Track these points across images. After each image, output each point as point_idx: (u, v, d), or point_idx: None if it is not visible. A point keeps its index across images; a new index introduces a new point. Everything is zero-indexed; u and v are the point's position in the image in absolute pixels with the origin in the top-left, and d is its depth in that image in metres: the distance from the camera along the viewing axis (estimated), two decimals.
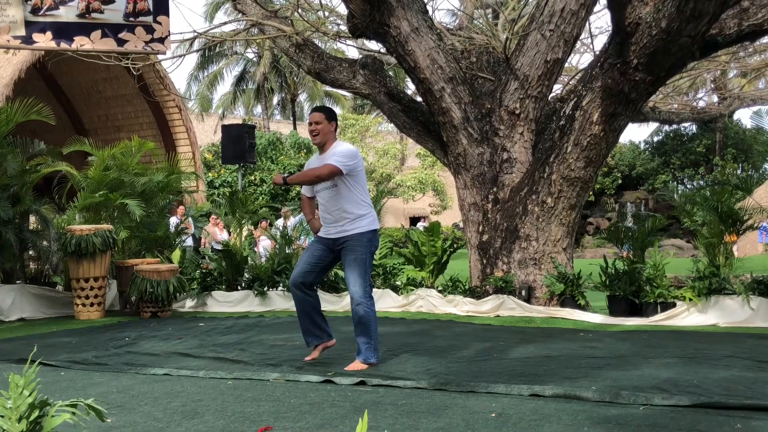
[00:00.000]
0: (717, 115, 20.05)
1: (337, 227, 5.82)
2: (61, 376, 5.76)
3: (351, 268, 5.76)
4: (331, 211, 5.84)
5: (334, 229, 5.85)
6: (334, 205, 5.81)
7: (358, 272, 5.74)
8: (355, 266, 5.75)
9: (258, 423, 4.09)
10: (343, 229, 5.80)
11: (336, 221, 5.83)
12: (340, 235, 5.81)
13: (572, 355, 6.22)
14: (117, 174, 11.45)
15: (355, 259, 5.76)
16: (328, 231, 5.89)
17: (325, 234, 5.92)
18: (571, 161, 9.08)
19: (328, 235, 5.89)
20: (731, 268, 8.54)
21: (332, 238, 5.87)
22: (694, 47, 8.13)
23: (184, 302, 10.92)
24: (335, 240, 5.85)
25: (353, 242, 5.78)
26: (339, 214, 5.80)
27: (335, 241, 5.85)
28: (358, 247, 5.78)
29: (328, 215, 5.87)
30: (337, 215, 5.81)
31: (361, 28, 9.68)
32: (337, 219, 5.82)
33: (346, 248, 5.80)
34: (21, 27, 8.23)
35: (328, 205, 5.84)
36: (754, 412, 4.08)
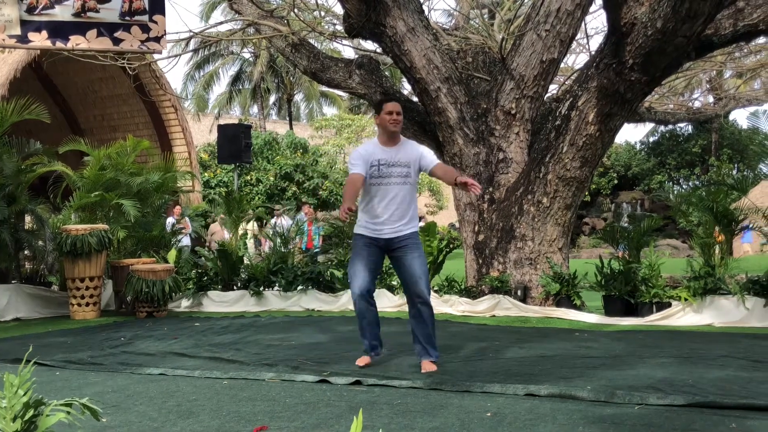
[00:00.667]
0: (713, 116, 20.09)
1: (398, 225, 5.57)
2: (57, 375, 5.75)
3: (418, 265, 5.54)
4: (397, 208, 5.57)
5: (391, 228, 5.56)
6: (402, 202, 5.58)
7: (425, 270, 5.58)
8: (422, 264, 5.57)
9: (253, 423, 4.09)
10: (405, 227, 5.59)
11: (398, 219, 5.56)
12: (399, 234, 5.57)
13: (568, 354, 6.22)
14: (113, 174, 11.44)
15: (419, 256, 5.58)
16: (382, 230, 5.58)
17: (378, 234, 5.60)
18: (567, 161, 9.09)
19: (382, 235, 5.58)
20: (726, 268, 8.55)
21: (388, 238, 5.58)
22: (689, 47, 8.14)
23: (179, 302, 10.91)
24: (391, 239, 5.58)
25: (414, 240, 5.61)
26: (403, 213, 5.58)
27: (391, 241, 5.59)
28: (419, 245, 5.65)
29: (399, 210, 5.57)
30: (401, 213, 5.57)
31: (357, 27, 9.68)
32: (400, 217, 5.57)
33: (408, 247, 5.56)
34: (16, 26, 8.21)
35: (396, 200, 5.57)
36: (749, 411, 4.09)
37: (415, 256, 5.55)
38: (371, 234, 5.62)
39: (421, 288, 5.52)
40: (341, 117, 35.43)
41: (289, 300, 10.47)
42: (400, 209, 5.57)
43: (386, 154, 5.59)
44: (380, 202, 5.57)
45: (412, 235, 5.61)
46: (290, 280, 10.51)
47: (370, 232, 5.63)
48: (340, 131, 33.67)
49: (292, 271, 10.63)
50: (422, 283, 5.52)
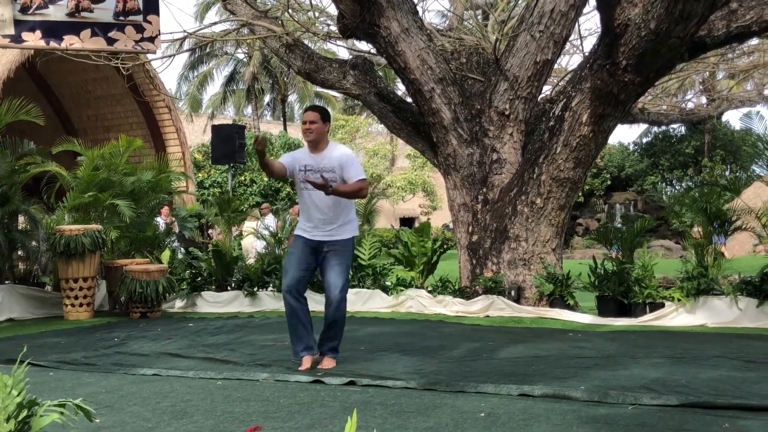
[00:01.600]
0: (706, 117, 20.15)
1: (328, 230, 5.74)
2: (50, 376, 5.74)
3: (337, 272, 5.71)
4: (327, 212, 5.73)
5: (322, 231, 5.75)
6: (329, 207, 5.71)
7: (343, 277, 5.73)
8: (342, 270, 5.73)
9: (247, 423, 4.09)
10: (333, 233, 5.75)
11: (328, 223, 5.73)
12: (329, 239, 5.74)
13: (561, 355, 6.24)
14: (106, 174, 11.42)
15: (341, 262, 5.74)
16: (314, 233, 5.77)
17: (311, 236, 5.79)
18: (561, 162, 9.11)
19: (314, 237, 5.78)
20: (719, 269, 8.57)
21: (319, 240, 5.76)
22: (682, 48, 8.17)
23: (173, 303, 10.89)
24: (321, 242, 5.76)
25: (341, 247, 5.76)
26: (334, 217, 5.73)
27: (321, 244, 5.77)
28: (345, 252, 5.79)
29: (322, 215, 5.74)
30: (331, 218, 5.73)
31: (352, 28, 9.68)
32: (330, 221, 5.73)
33: (333, 252, 5.73)
34: (10, 26, 8.20)
35: (326, 205, 5.71)
36: (741, 411, 4.10)
37: (336, 263, 5.72)
38: (305, 235, 5.82)
39: (336, 292, 5.70)
40: (335, 118, 35.40)
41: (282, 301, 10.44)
42: (328, 214, 5.74)
43: (312, 160, 5.79)
44: (309, 206, 5.79)
45: (340, 242, 5.77)
46: None
47: (304, 233, 5.84)
48: (334, 132, 33.65)
49: None
50: (336, 287, 5.70)
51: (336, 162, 5.70)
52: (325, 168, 5.69)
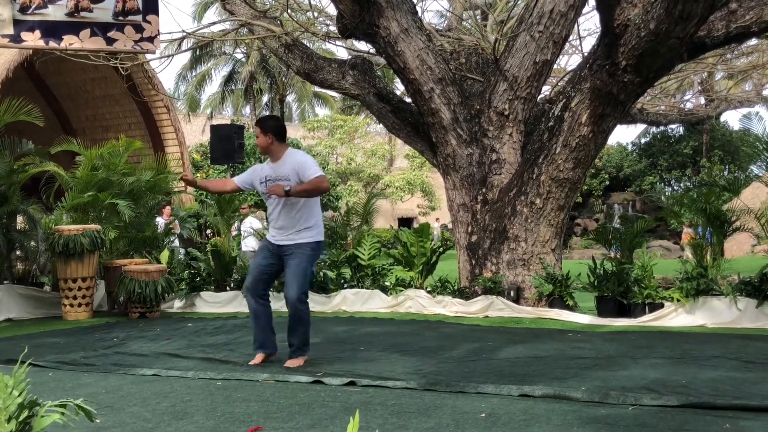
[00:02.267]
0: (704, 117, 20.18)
1: (287, 234, 5.96)
2: (49, 376, 5.74)
3: (293, 273, 5.89)
4: (287, 218, 5.96)
5: (283, 236, 5.98)
6: (291, 212, 5.95)
7: (298, 279, 5.89)
8: (298, 272, 5.89)
9: (248, 423, 4.08)
10: (292, 237, 5.95)
11: (289, 228, 5.95)
12: (288, 243, 5.96)
13: (561, 355, 6.24)
14: (105, 174, 11.40)
15: (298, 265, 5.91)
16: (276, 237, 6.03)
17: (274, 240, 6.04)
18: (560, 162, 9.11)
19: (276, 241, 6.03)
20: (719, 269, 8.57)
21: (279, 245, 6.00)
22: (682, 49, 8.17)
23: (172, 303, 10.89)
24: (280, 246, 5.99)
25: (298, 249, 5.94)
26: (294, 222, 5.95)
27: (280, 248, 5.99)
28: (303, 255, 5.94)
29: (282, 221, 5.98)
30: (292, 222, 5.95)
31: (351, 28, 9.68)
32: (291, 225, 5.95)
33: (292, 255, 5.93)
34: (9, 25, 8.18)
35: (287, 211, 5.94)
36: (742, 412, 4.11)
37: (294, 264, 5.91)
38: (270, 240, 6.10)
39: (290, 292, 5.87)
40: (333, 118, 35.39)
41: (282, 301, 10.36)
42: (286, 219, 5.96)
43: (272, 171, 6.05)
44: (271, 213, 6.08)
45: (297, 245, 5.95)
46: (282, 281, 10.49)
47: (270, 238, 6.11)
48: (333, 132, 33.64)
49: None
50: (292, 288, 5.87)
51: (290, 169, 5.92)
52: (281, 176, 5.92)
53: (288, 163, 5.98)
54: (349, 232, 11.57)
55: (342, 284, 10.36)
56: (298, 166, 5.92)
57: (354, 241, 11.14)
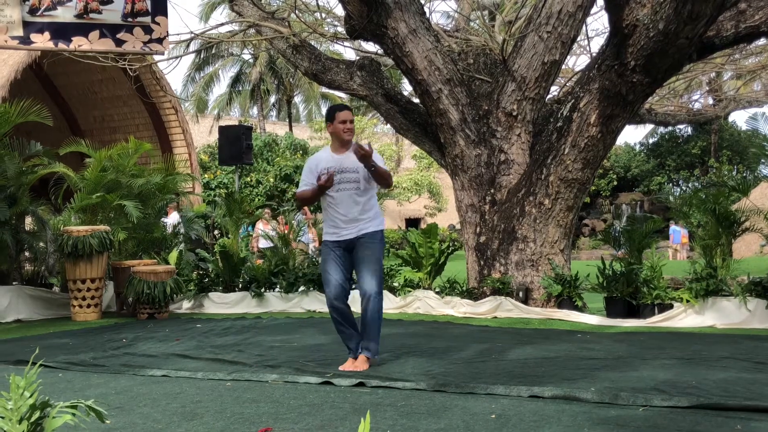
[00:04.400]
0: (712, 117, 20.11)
1: (358, 225, 5.71)
2: (59, 377, 5.75)
3: (369, 265, 5.68)
4: (358, 207, 5.71)
5: (352, 228, 5.71)
6: (363, 199, 5.72)
7: (377, 272, 5.70)
8: (374, 264, 5.70)
9: (257, 424, 4.08)
10: (362, 227, 5.71)
11: (359, 218, 5.71)
12: (358, 234, 5.70)
13: (570, 356, 6.22)
14: (114, 175, 11.44)
15: (372, 256, 5.70)
16: (343, 232, 5.74)
17: (339, 237, 5.75)
18: (569, 163, 9.09)
19: (343, 237, 5.74)
20: (728, 270, 8.54)
21: (349, 239, 5.73)
22: (691, 49, 8.14)
23: (180, 303, 10.92)
24: (350, 240, 5.73)
25: (371, 241, 5.73)
26: (365, 211, 5.72)
27: (350, 242, 5.74)
28: (374, 246, 5.74)
29: (353, 212, 5.71)
30: (363, 210, 5.72)
31: (359, 29, 9.68)
32: (361, 214, 5.72)
33: (362, 245, 5.70)
34: (19, 27, 8.21)
35: (357, 199, 5.71)
36: (753, 413, 4.08)
37: (366, 255, 5.69)
38: (333, 238, 5.78)
39: (369, 285, 5.66)
40: None
41: (291, 301, 10.47)
42: (356, 208, 5.71)
43: (335, 162, 5.72)
44: (336, 208, 5.74)
45: (371, 235, 5.73)
46: (291, 281, 10.52)
47: (333, 237, 5.79)
48: None
49: (293, 273, 10.64)
50: (371, 280, 5.66)
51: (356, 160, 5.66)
52: (349, 167, 5.69)
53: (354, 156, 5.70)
54: None
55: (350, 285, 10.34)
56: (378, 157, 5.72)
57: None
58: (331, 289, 5.75)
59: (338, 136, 5.79)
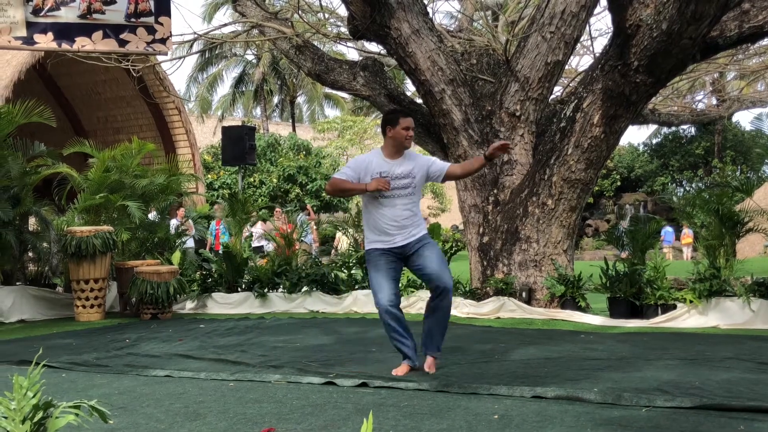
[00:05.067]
0: (716, 118, 20.08)
1: (410, 231, 5.52)
2: (63, 377, 5.76)
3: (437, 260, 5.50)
4: (410, 213, 5.55)
5: (402, 236, 5.51)
6: (406, 212, 5.52)
7: (445, 264, 5.57)
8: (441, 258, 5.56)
9: (260, 425, 4.08)
10: (414, 233, 5.54)
11: (410, 224, 5.53)
12: (411, 239, 5.52)
13: (573, 356, 6.22)
14: (118, 176, 11.45)
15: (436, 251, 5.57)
16: (394, 240, 5.52)
17: (391, 244, 5.52)
18: (572, 163, 9.08)
19: (395, 244, 5.52)
20: (732, 270, 8.53)
21: (402, 245, 5.52)
22: (694, 49, 8.13)
23: (184, 304, 10.92)
24: (404, 246, 5.53)
25: (425, 239, 5.57)
26: (410, 220, 5.54)
27: (404, 248, 5.53)
28: (432, 242, 5.62)
29: (396, 223, 5.51)
30: (413, 216, 5.55)
31: (362, 29, 9.68)
32: (411, 220, 5.54)
33: (422, 247, 5.52)
34: (22, 28, 8.23)
35: (401, 211, 5.51)
36: (756, 414, 4.08)
37: (429, 254, 5.50)
38: (384, 246, 5.54)
39: (445, 280, 5.47)
40: (344, 119, 35.42)
41: (294, 302, 10.47)
42: (405, 219, 5.52)
43: (389, 167, 5.51)
44: (385, 214, 5.51)
45: (424, 236, 5.59)
46: (294, 281, 10.52)
47: (382, 244, 5.55)
48: (343, 133, 33.67)
49: (296, 273, 10.64)
50: (445, 273, 5.49)
51: (417, 166, 5.56)
52: (403, 173, 5.51)
53: (411, 160, 5.57)
54: (360, 233, 11.56)
55: (353, 285, 10.36)
56: (429, 162, 5.63)
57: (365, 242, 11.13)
58: (385, 295, 5.47)
59: (399, 141, 5.55)
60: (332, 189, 5.74)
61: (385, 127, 5.64)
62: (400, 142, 5.56)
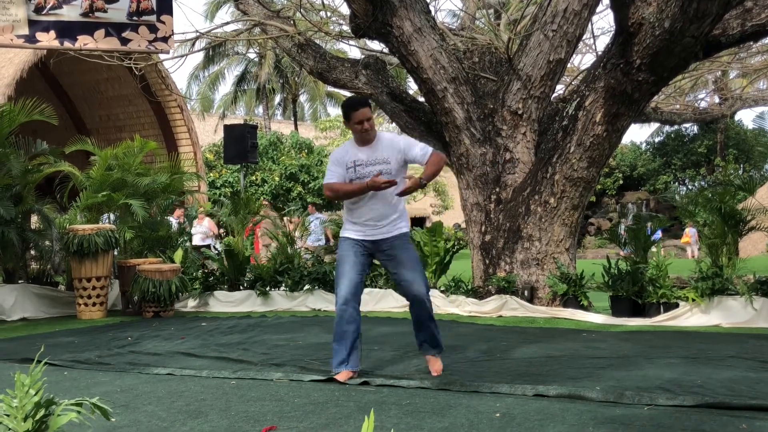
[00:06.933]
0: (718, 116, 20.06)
1: (385, 226, 5.30)
2: (65, 375, 5.76)
3: (411, 265, 5.29)
4: (385, 206, 5.28)
5: (378, 229, 5.30)
6: (384, 201, 5.28)
7: (420, 270, 5.34)
8: (416, 263, 5.34)
9: (262, 423, 4.08)
10: (390, 229, 5.31)
11: (386, 217, 5.29)
12: (387, 236, 5.31)
13: (575, 355, 6.21)
14: (120, 174, 11.46)
15: (411, 254, 5.35)
16: (368, 231, 5.31)
17: (365, 236, 5.32)
18: (574, 161, 9.08)
19: (366, 237, 5.32)
20: (734, 269, 8.53)
21: (374, 240, 5.32)
22: (697, 48, 8.12)
23: (186, 302, 10.93)
24: (377, 242, 5.33)
25: (403, 240, 5.34)
26: (392, 210, 5.30)
27: (377, 244, 5.33)
28: (410, 245, 5.40)
29: (379, 210, 5.27)
30: (390, 210, 5.29)
31: (364, 28, 9.68)
32: (389, 214, 5.29)
33: (397, 246, 5.30)
34: (24, 26, 8.23)
35: (378, 200, 5.26)
36: (758, 412, 4.08)
37: (405, 259, 5.30)
38: (357, 236, 5.35)
39: (420, 285, 5.28)
40: None
41: (296, 300, 10.48)
42: (383, 208, 5.29)
43: (363, 154, 5.30)
44: (362, 203, 5.30)
45: (401, 236, 5.35)
46: (297, 280, 10.52)
47: (355, 234, 5.36)
48: (345, 132, 33.64)
49: (298, 271, 10.64)
50: (421, 281, 5.29)
51: (389, 150, 5.28)
52: (378, 159, 5.26)
53: (384, 145, 5.30)
54: None
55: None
56: (401, 145, 5.29)
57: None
58: (343, 289, 5.28)
59: (356, 135, 5.35)
60: (334, 195, 5.41)
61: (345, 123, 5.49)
62: (358, 136, 5.35)
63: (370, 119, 5.28)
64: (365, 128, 5.26)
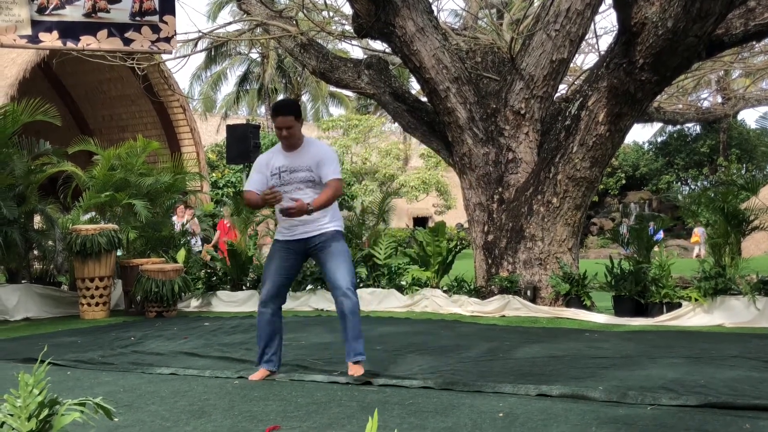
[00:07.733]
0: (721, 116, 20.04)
1: (315, 224, 5.31)
2: (68, 375, 5.76)
3: (339, 259, 5.29)
4: None
5: (308, 227, 5.32)
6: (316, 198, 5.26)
7: (347, 264, 5.32)
8: (344, 257, 5.32)
9: (265, 422, 4.08)
10: (321, 226, 5.32)
11: (309, 221, 5.29)
12: (317, 233, 5.33)
13: (578, 355, 6.21)
14: (122, 174, 11.47)
15: (341, 249, 5.34)
16: (298, 231, 5.35)
17: (292, 236, 5.38)
18: (577, 161, 9.07)
19: (293, 237, 5.37)
20: (737, 269, 8.52)
21: (305, 238, 5.36)
22: (700, 47, 8.12)
23: (188, 302, 10.94)
24: (305, 240, 5.36)
25: (331, 237, 5.34)
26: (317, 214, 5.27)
27: (305, 242, 5.37)
28: (339, 240, 5.39)
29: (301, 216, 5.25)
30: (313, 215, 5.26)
31: (367, 28, 9.68)
32: (313, 219, 5.28)
33: (325, 243, 5.32)
34: (27, 26, 8.24)
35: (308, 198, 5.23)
36: (762, 412, 4.07)
37: (338, 251, 5.31)
38: (284, 237, 5.42)
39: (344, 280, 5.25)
40: (348, 117, 35.39)
41: (298, 300, 10.48)
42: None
43: (287, 160, 5.34)
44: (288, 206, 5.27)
45: (329, 233, 5.34)
46: (299, 280, 10.52)
47: (282, 236, 5.43)
48: (347, 131, 33.66)
49: (300, 271, 10.64)
50: (345, 275, 5.27)
51: (312, 160, 5.30)
52: (300, 167, 5.29)
53: (309, 152, 5.34)
54: (365, 232, 11.57)
55: (358, 284, 10.36)
56: (321, 158, 5.29)
57: (370, 240, 11.15)
58: (265, 289, 5.39)
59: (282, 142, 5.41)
60: (246, 204, 5.68)
61: None
62: (281, 141, 5.40)
63: (290, 128, 5.28)
64: (284, 135, 5.32)
